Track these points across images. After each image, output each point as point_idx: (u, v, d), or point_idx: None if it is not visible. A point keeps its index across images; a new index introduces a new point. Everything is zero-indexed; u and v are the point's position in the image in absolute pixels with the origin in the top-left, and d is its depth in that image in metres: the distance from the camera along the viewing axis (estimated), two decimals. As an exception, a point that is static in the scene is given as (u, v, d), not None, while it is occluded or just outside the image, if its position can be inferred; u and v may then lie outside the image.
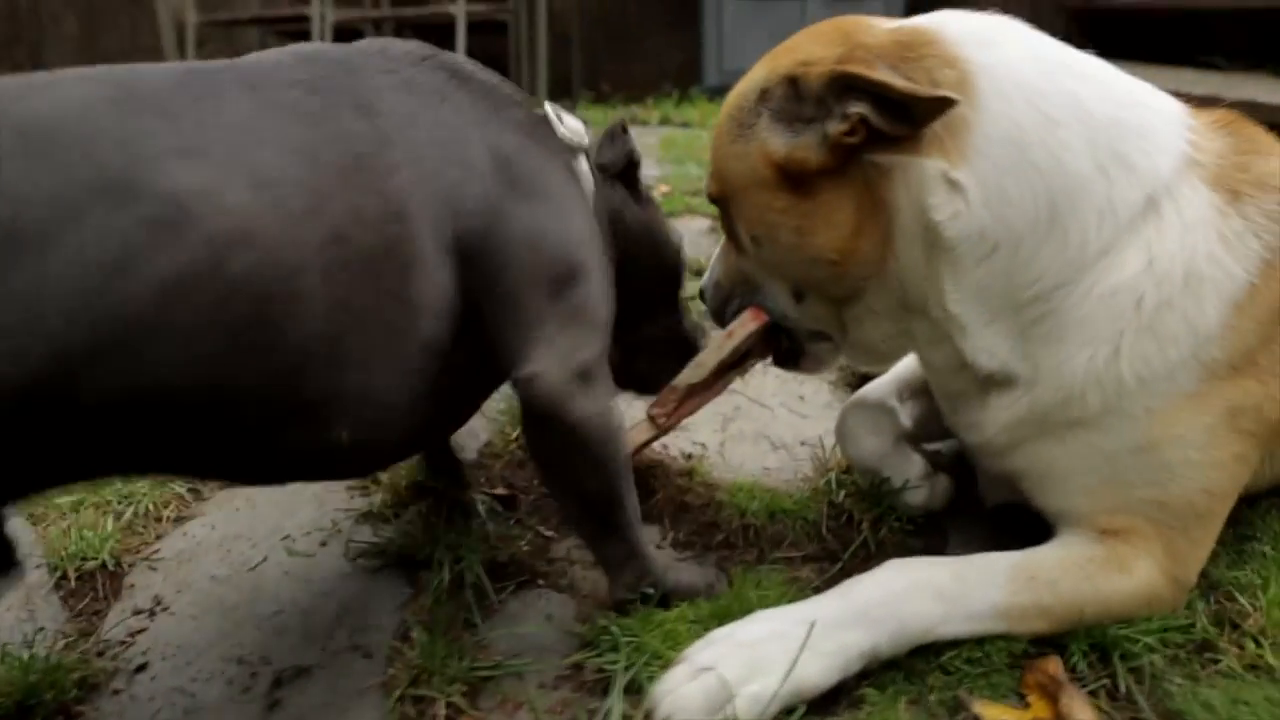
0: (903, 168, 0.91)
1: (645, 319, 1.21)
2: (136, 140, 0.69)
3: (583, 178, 1.06)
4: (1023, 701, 0.90)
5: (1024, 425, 0.98)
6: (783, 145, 0.94)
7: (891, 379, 1.27)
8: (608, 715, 0.87)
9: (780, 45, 1.01)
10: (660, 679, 0.87)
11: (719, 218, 1.14)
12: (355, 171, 0.79)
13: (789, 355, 1.18)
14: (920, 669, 0.92)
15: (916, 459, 1.20)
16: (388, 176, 0.81)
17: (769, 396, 1.65)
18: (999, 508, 1.17)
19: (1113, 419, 0.93)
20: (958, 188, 0.89)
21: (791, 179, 0.94)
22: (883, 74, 0.85)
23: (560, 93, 6.38)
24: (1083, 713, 0.86)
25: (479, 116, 0.91)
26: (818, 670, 0.86)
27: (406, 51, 0.92)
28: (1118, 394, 0.92)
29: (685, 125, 5.07)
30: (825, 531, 1.20)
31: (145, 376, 0.68)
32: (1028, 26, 0.97)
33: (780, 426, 1.53)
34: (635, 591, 1.00)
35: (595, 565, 1.12)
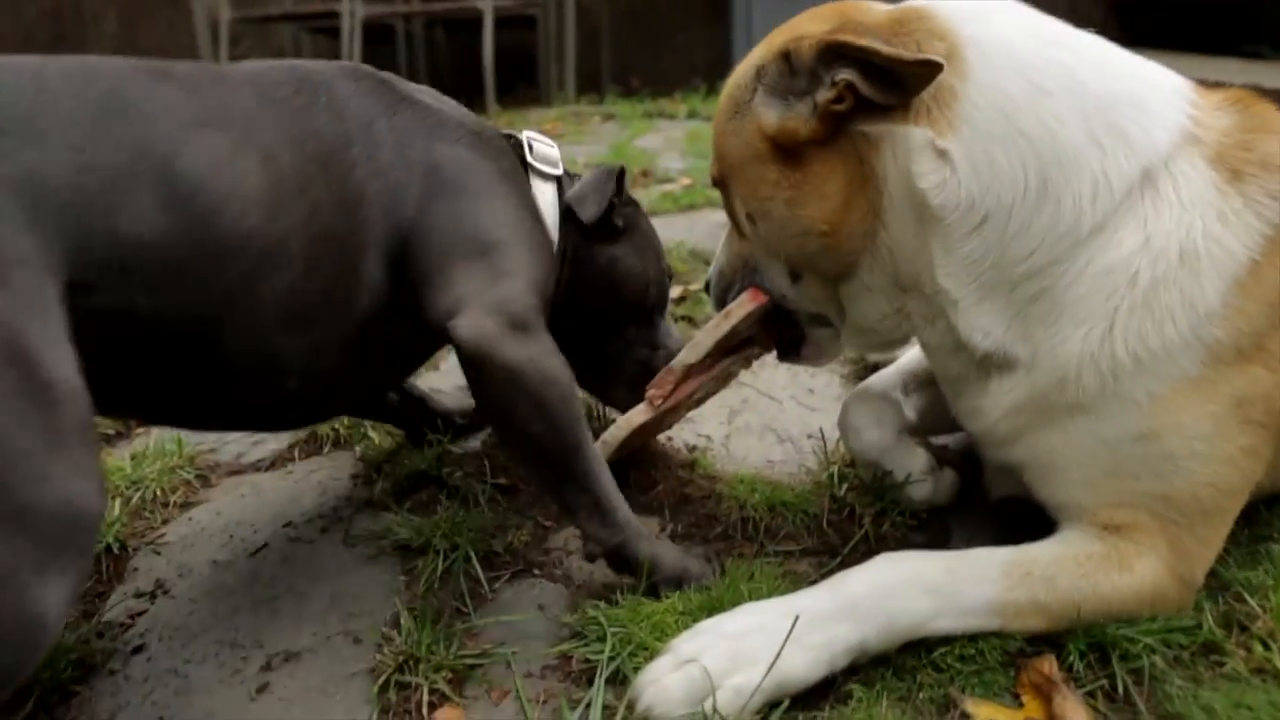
0: (891, 137, 0.90)
1: (604, 341, 1.31)
2: (172, 110, 0.84)
3: (542, 199, 1.20)
4: (1017, 701, 0.88)
5: (1025, 411, 0.96)
6: (775, 117, 0.94)
7: (896, 371, 1.25)
8: (590, 705, 0.87)
9: (780, 27, 1.02)
10: (644, 669, 0.86)
11: (723, 205, 1.14)
12: (328, 162, 0.94)
13: (790, 344, 1.16)
14: (911, 666, 0.90)
15: (920, 452, 1.18)
16: (350, 170, 0.96)
17: (779, 389, 1.63)
18: (1005, 504, 1.15)
19: (1113, 404, 0.90)
20: (945, 156, 0.88)
21: (784, 151, 0.95)
22: (868, 41, 0.84)
23: (589, 87, 6.38)
24: (1076, 714, 0.83)
25: (421, 130, 1.05)
26: (803, 663, 0.85)
27: (368, 73, 1.08)
28: (1114, 374, 0.89)
29: (712, 120, 5.04)
30: (826, 525, 1.19)
31: (145, 296, 0.80)
32: (1025, 6, 0.95)
33: (788, 419, 1.52)
34: (607, 547, 1.01)
35: (596, 560, 1.12)
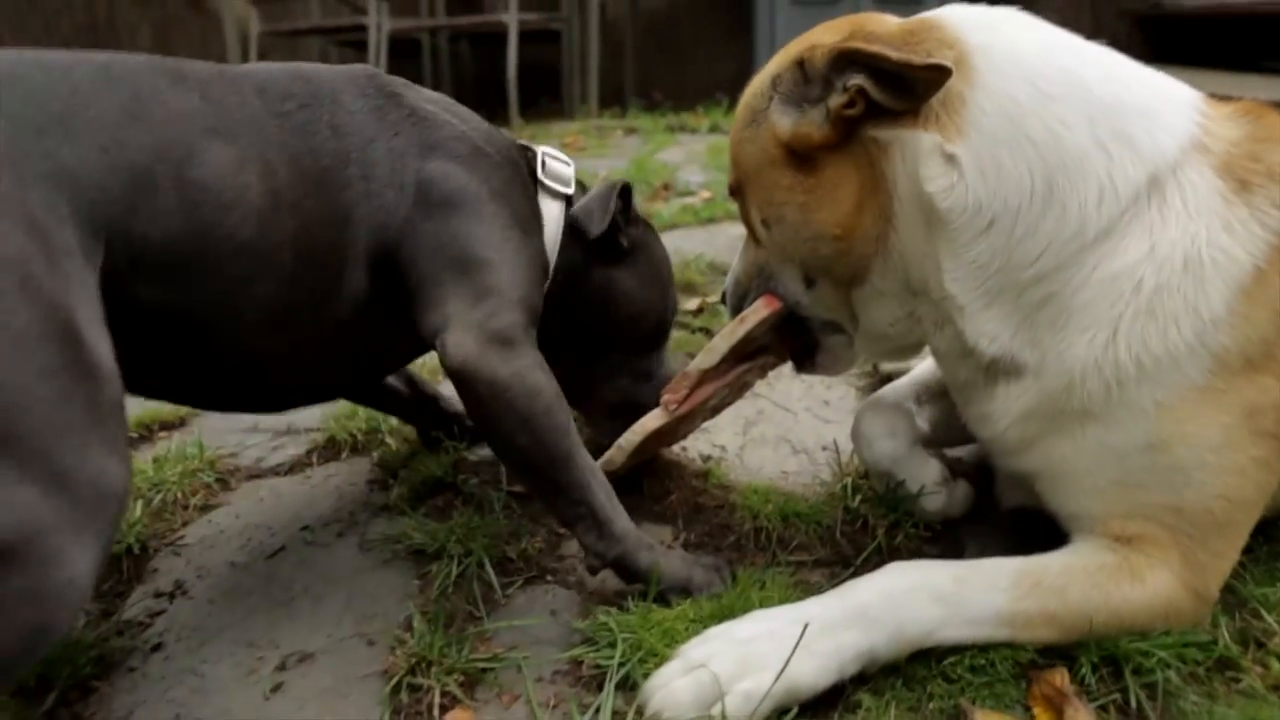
0: (900, 143, 0.92)
1: (591, 362, 1.31)
2: (188, 116, 0.90)
3: (546, 215, 1.21)
4: (1028, 714, 0.88)
5: (1034, 418, 0.96)
6: (790, 124, 0.97)
7: (909, 382, 1.25)
8: (600, 709, 0.87)
9: (796, 38, 1.04)
10: (654, 674, 0.86)
11: (740, 214, 1.15)
12: (323, 180, 0.99)
13: (804, 352, 1.17)
14: (921, 676, 0.90)
15: (933, 463, 1.18)
16: (343, 189, 1.00)
17: (794, 401, 1.64)
18: (1018, 516, 1.14)
19: (1120, 412, 0.90)
20: (953, 161, 0.89)
21: (797, 157, 0.97)
22: (878, 47, 0.86)
23: (612, 100, 6.43)
24: (1088, 727, 0.83)
25: (418, 148, 1.07)
26: (812, 670, 0.85)
27: (377, 86, 1.10)
28: (1118, 381, 0.89)
29: (733, 133, 5.06)
30: (839, 536, 1.19)
31: (149, 290, 0.86)
32: (1034, 16, 0.97)
33: (803, 430, 1.52)
34: (606, 559, 1.02)
35: (598, 573, 1.13)
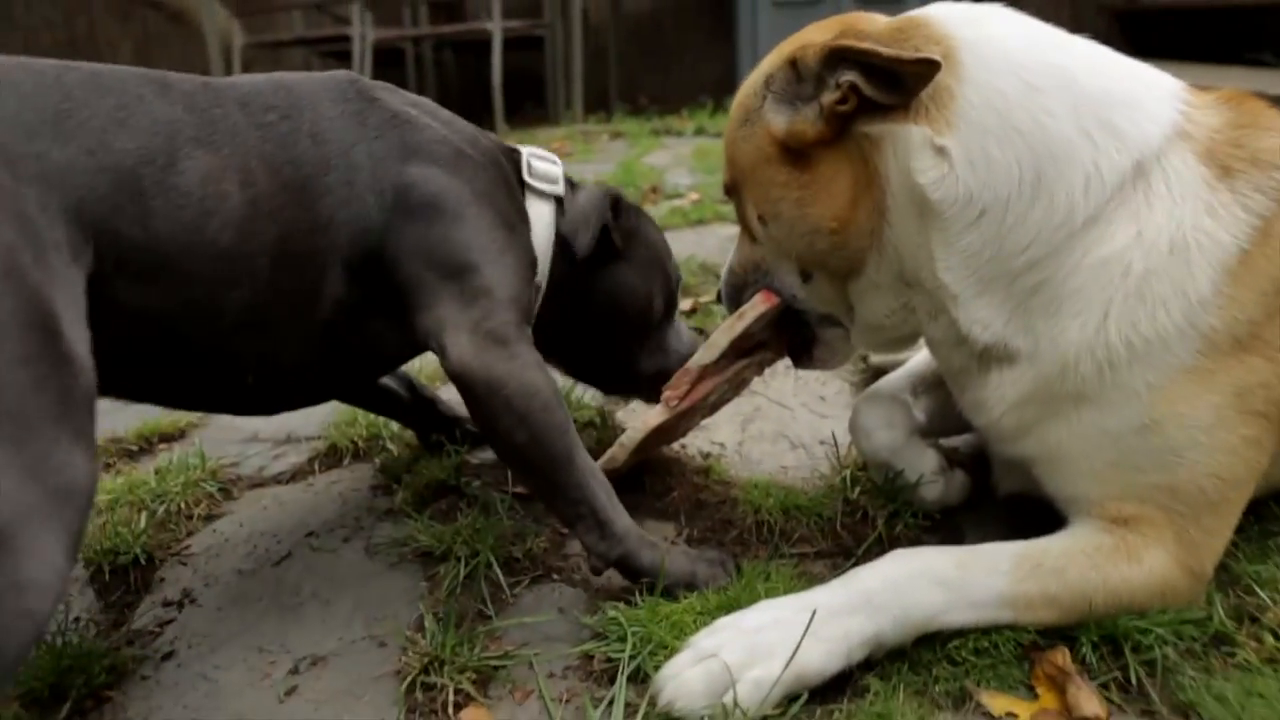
0: (892, 137, 0.94)
1: (616, 352, 1.34)
2: (172, 124, 0.92)
3: (534, 217, 1.21)
4: (1032, 694, 0.89)
5: (1031, 403, 0.98)
6: (784, 122, 0.99)
7: (904, 374, 1.27)
8: (613, 702, 0.89)
9: (788, 38, 1.06)
10: (665, 665, 0.88)
11: (735, 212, 1.17)
12: (303, 189, 1.00)
13: (801, 346, 1.19)
14: (926, 660, 0.92)
15: (930, 453, 1.19)
16: (323, 196, 1.02)
17: (790, 397, 1.65)
18: (1015, 502, 1.16)
19: (1113, 394, 0.92)
20: (943, 153, 0.91)
21: (792, 153, 0.99)
22: (869, 44, 0.89)
23: (597, 105, 6.45)
24: (1090, 704, 0.85)
25: (399, 152, 1.08)
26: (820, 656, 0.86)
27: (356, 92, 1.11)
28: (1110, 363, 0.91)
29: (720, 136, 5.08)
30: (839, 528, 1.21)
31: (129, 291, 0.88)
32: (1019, 12, 0.99)
33: (800, 426, 1.54)
34: (609, 559, 1.04)
35: (601, 574, 1.14)
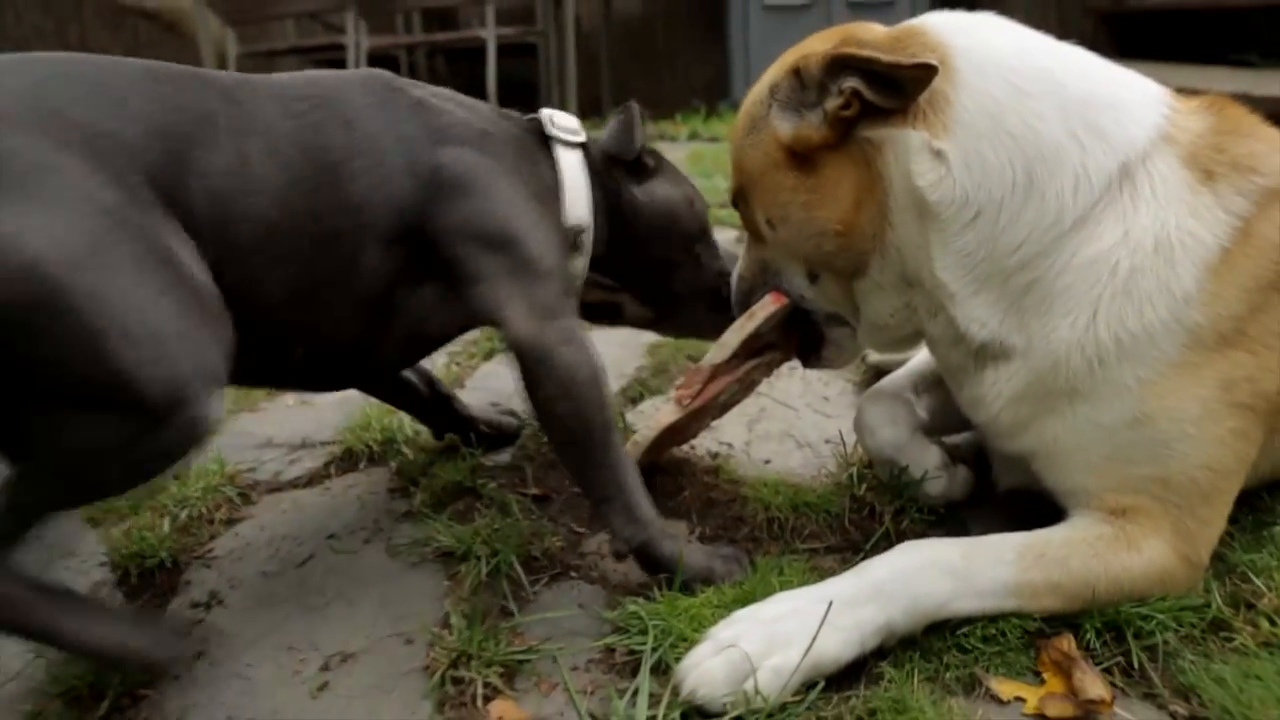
0: (892, 141, 0.98)
1: (669, 274, 1.39)
2: (212, 113, 1.00)
3: (565, 166, 1.28)
4: (1039, 679, 0.93)
5: (1026, 400, 1.02)
6: (790, 128, 1.04)
7: (907, 373, 1.31)
8: (637, 693, 0.92)
9: (791, 49, 1.11)
10: (686, 656, 0.91)
11: (740, 218, 1.22)
12: (334, 173, 1.07)
13: (810, 346, 1.23)
14: (937, 648, 0.96)
15: (933, 449, 1.23)
16: (353, 181, 1.08)
17: (795, 398, 1.69)
18: (1016, 498, 1.20)
19: (1105, 389, 0.97)
20: (941, 156, 0.96)
21: (799, 158, 1.04)
22: (869, 51, 0.94)
23: (590, 111, 6.48)
24: (1095, 688, 0.88)
25: (426, 136, 1.14)
26: (835, 644, 0.90)
27: (383, 85, 1.17)
28: (1099, 359, 0.96)
29: (713, 140, 5.14)
30: (848, 524, 1.24)
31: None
32: (1010, 20, 1.04)
33: (805, 426, 1.57)
34: (633, 544, 1.09)
35: (624, 558, 1.18)
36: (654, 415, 1.25)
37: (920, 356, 1.33)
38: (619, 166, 1.33)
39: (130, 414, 0.86)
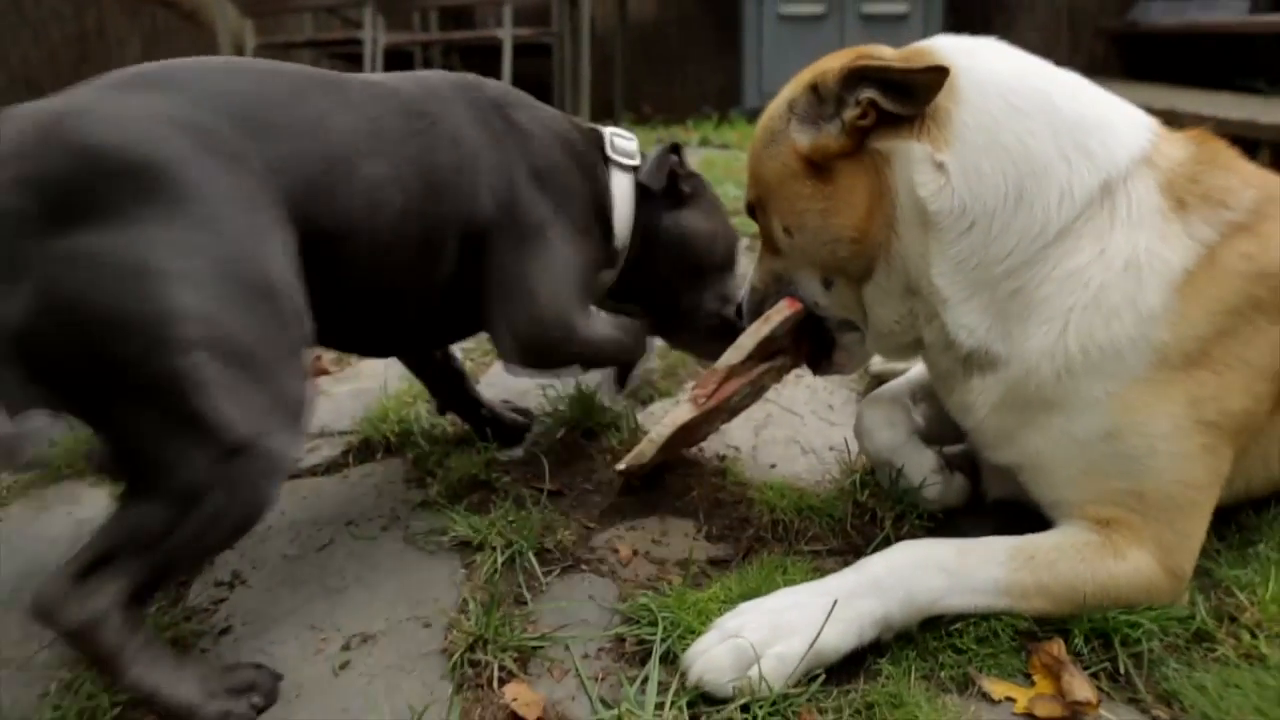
0: (899, 153, 1.05)
1: (676, 296, 1.53)
2: (353, 135, 1.11)
3: (616, 188, 1.43)
4: (1029, 680, 0.98)
5: (1006, 409, 1.08)
6: (808, 140, 1.10)
7: (906, 381, 1.37)
8: (646, 680, 0.97)
9: (807, 68, 1.17)
10: (693, 644, 0.96)
11: (756, 228, 1.28)
12: (441, 188, 1.19)
13: (818, 351, 1.28)
14: (933, 647, 1.00)
15: (929, 453, 1.28)
16: (453, 191, 1.21)
17: (801, 405, 1.74)
18: (1010, 508, 1.24)
19: (1076, 400, 1.03)
20: (942, 168, 1.03)
21: (816, 168, 1.10)
22: (884, 61, 1.01)
23: (602, 113, 6.53)
24: (1082, 690, 0.93)
25: (515, 162, 1.28)
26: (835, 635, 0.95)
27: (485, 100, 1.31)
28: (1068, 369, 1.02)
29: (724, 147, 5.17)
30: (849, 528, 1.29)
31: (320, 264, 1.06)
32: (1010, 45, 1.11)
33: (810, 432, 1.62)
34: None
35: (635, 555, 1.23)
36: (669, 414, 1.30)
37: (919, 367, 1.38)
38: (657, 194, 1.46)
39: (217, 449, 0.88)
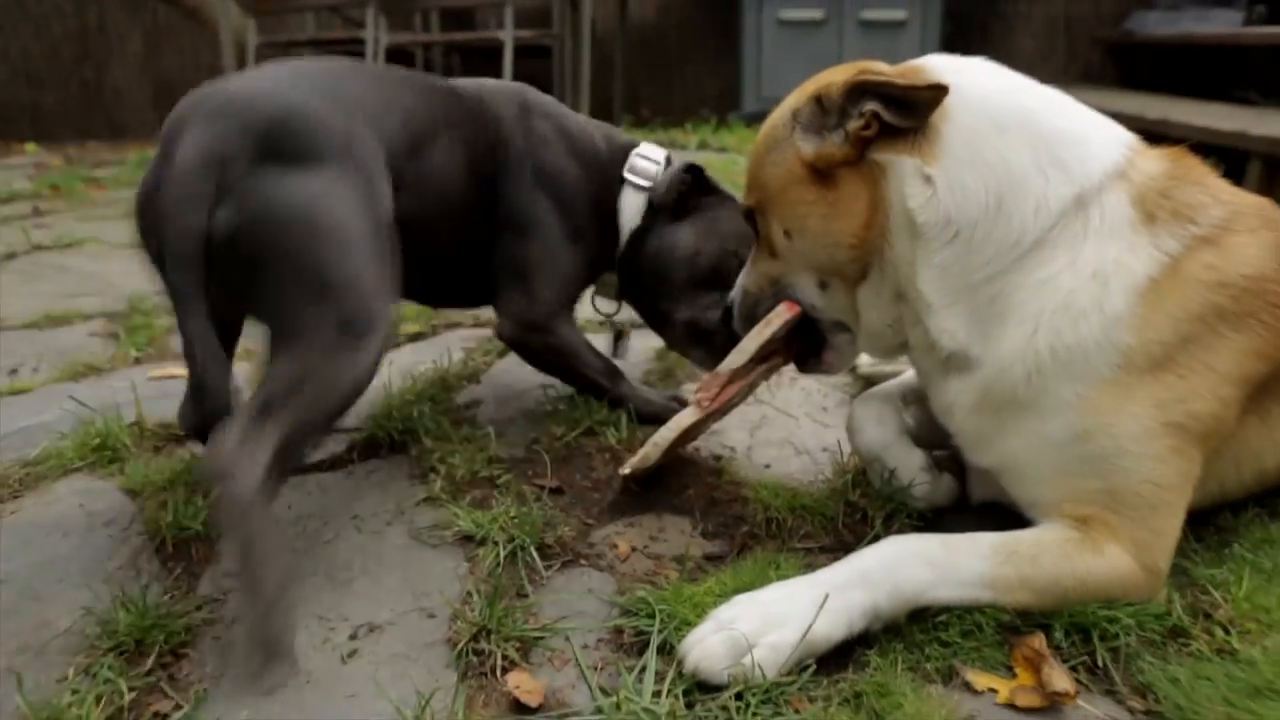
0: (894, 166, 1.10)
1: (656, 300, 1.69)
2: (435, 118, 1.49)
3: (627, 201, 1.65)
4: (1011, 673, 1.02)
5: (982, 410, 1.13)
6: (813, 148, 1.15)
7: (897, 384, 1.42)
8: (644, 670, 1.00)
9: (808, 81, 1.22)
10: (688, 634, 1.00)
11: (756, 232, 1.32)
12: (482, 176, 1.54)
13: (809, 350, 1.33)
14: (919, 640, 1.04)
15: (917, 452, 1.33)
16: (491, 180, 1.55)
17: (794, 407, 1.78)
18: (995, 509, 1.28)
19: (1046, 401, 1.08)
20: (930, 181, 1.08)
21: (819, 175, 1.15)
22: (886, 77, 1.06)
23: (601, 115, 6.53)
24: (1061, 682, 0.97)
25: (537, 164, 1.58)
26: (825, 625, 0.99)
27: (530, 109, 1.62)
28: (1038, 369, 1.07)
29: (722, 150, 5.22)
30: (841, 526, 1.33)
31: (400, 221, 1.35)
32: (997, 64, 1.17)
33: (804, 434, 1.66)
34: (619, 390, 1.65)
35: (633, 551, 1.27)
36: (674, 418, 1.34)
37: (911, 372, 1.42)
38: (662, 211, 1.65)
39: (340, 331, 1.16)
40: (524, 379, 1.88)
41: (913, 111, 1.07)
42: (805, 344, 1.34)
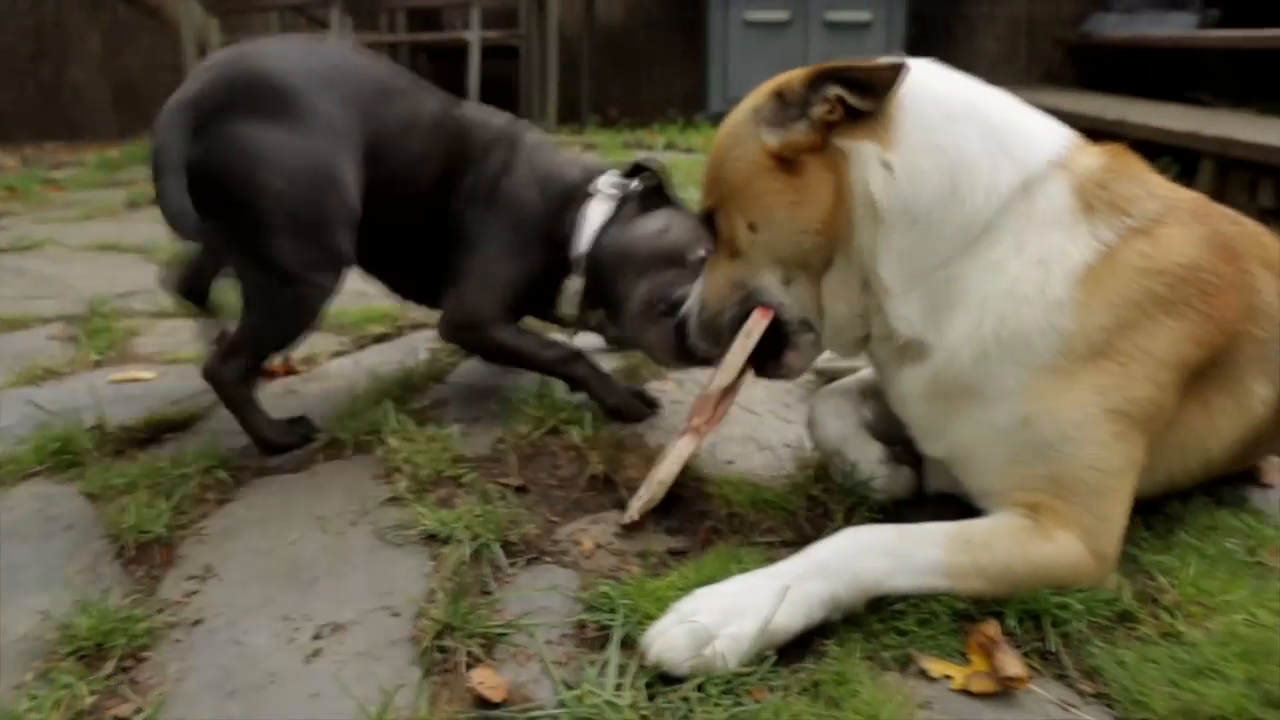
0: (855, 153, 1.14)
1: (627, 286, 1.69)
2: (413, 119, 1.67)
3: (590, 215, 1.73)
4: (965, 660, 1.04)
5: (932, 398, 1.17)
6: (777, 138, 1.17)
7: (856, 380, 1.44)
8: (607, 664, 1.02)
9: (764, 83, 1.24)
10: (651, 627, 1.01)
11: (717, 232, 1.31)
12: (450, 178, 1.70)
13: (771, 355, 1.32)
14: (877, 630, 1.07)
15: (875, 444, 1.35)
16: (458, 181, 1.70)
17: (758, 404, 1.80)
18: (955, 501, 1.31)
19: (993, 388, 1.12)
20: (889, 167, 1.12)
21: (784, 163, 1.17)
22: (847, 62, 1.11)
23: (569, 116, 6.57)
24: (1014, 667, 1.00)
25: (494, 184, 1.71)
26: (785, 615, 1.01)
27: (515, 142, 1.74)
28: (983, 354, 1.11)
29: (689, 151, 5.23)
30: (803, 520, 1.35)
31: (375, 199, 1.59)
32: (948, 67, 1.22)
33: (767, 430, 1.68)
34: (575, 372, 1.70)
35: (597, 548, 1.28)
36: (673, 450, 1.35)
37: (869, 369, 1.44)
38: (628, 203, 1.74)
39: (287, 271, 1.47)
40: (489, 379, 1.89)
41: (873, 92, 1.11)
42: (764, 348, 1.34)
